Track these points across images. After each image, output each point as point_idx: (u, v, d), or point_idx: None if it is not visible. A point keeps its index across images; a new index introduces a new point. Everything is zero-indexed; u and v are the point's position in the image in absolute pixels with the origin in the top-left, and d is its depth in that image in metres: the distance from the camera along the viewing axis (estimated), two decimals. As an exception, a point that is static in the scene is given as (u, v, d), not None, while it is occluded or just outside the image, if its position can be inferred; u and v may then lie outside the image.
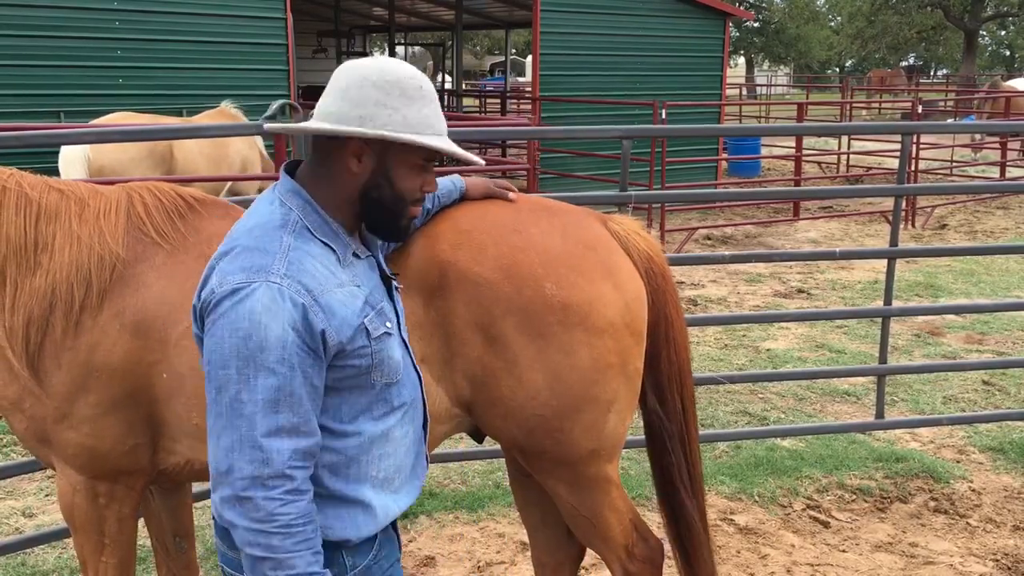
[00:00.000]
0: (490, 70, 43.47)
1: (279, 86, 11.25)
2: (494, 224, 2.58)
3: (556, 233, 2.60)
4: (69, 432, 2.56)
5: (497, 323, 2.48)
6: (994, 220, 13.49)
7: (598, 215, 2.80)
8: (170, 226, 2.65)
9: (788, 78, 50.47)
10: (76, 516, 2.66)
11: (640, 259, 2.70)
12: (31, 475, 4.86)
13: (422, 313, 2.52)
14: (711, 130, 14.00)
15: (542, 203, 2.75)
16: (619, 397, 2.63)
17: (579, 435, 2.58)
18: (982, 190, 12.90)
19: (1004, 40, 50.73)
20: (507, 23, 23.21)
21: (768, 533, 4.38)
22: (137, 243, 2.60)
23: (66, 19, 9.90)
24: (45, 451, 2.66)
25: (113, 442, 2.57)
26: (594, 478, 2.68)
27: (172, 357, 2.53)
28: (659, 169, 11.99)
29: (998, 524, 4.52)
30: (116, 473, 2.62)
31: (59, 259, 2.55)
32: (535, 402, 2.52)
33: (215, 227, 2.68)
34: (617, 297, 2.58)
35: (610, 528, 2.76)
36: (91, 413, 2.54)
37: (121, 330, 2.53)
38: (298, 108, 4.05)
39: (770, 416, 5.90)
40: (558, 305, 2.49)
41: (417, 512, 4.53)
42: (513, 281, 2.49)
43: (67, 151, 7.42)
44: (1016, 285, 9.55)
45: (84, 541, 2.68)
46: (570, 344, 2.50)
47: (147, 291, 2.56)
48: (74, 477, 2.62)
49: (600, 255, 2.61)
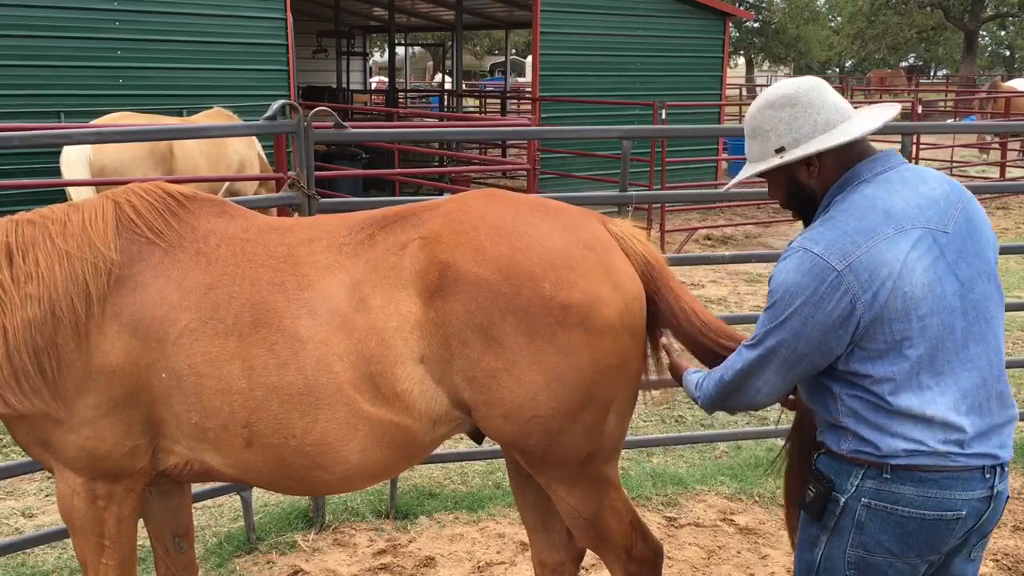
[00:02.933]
0: (490, 70, 43.45)
1: (279, 86, 11.24)
2: (493, 225, 2.58)
3: (555, 233, 2.59)
4: (68, 435, 2.55)
5: (496, 324, 2.48)
6: (994, 220, 13.48)
7: (597, 216, 2.79)
8: (164, 224, 2.64)
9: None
10: (75, 518, 2.65)
11: (638, 262, 2.69)
12: (31, 475, 4.86)
13: (421, 313, 2.52)
14: (711, 130, 13.99)
15: (541, 203, 2.75)
16: (618, 398, 2.63)
17: (578, 436, 2.58)
18: (982, 190, 12.78)
19: (1004, 40, 50.70)
20: (507, 23, 23.19)
21: (768, 533, 4.38)
22: (131, 244, 2.59)
23: (66, 19, 9.89)
24: (45, 454, 2.65)
25: (113, 444, 2.56)
26: (594, 479, 2.68)
27: (171, 356, 2.52)
28: (659, 169, 11.99)
29: (998, 524, 4.51)
30: (116, 474, 2.61)
31: (50, 280, 2.53)
32: (534, 403, 2.52)
33: (211, 224, 2.67)
34: (616, 298, 2.57)
35: (609, 529, 2.76)
36: (91, 415, 2.53)
37: (120, 331, 2.52)
38: (298, 108, 4.05)
39: (770, 416, 5.90)
40: (557, 306, 2.49)
41: (417, 512, 4.53)
42: (512, 282, 2.49)
43: (69, 151, 7.42)
44: (1016, 285, 9.55)
45: (84, 543, 2.68)
46: (569, 345, 2.50)
47: (144, 291, 2.55)
48: (73, 479, 2.61)
49: (599, 255, 2.61)
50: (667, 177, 12.29)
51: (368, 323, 2.52)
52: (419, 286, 2.53)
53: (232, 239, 2.65)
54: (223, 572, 4.03)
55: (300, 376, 2.51)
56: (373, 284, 2.55)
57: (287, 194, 4.05)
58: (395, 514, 4.50)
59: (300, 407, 2.52)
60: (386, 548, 4.23)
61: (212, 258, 2.61)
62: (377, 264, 2.58)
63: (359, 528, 4.41)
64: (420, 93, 30.72)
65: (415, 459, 2.76)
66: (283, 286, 2.56)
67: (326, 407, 2.52)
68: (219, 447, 2.59)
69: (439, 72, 35.69)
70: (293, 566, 4.08)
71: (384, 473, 2.74)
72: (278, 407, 2.52)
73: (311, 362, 2.51)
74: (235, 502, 4.52)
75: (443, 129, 14.13)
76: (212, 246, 2.63)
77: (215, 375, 2.52)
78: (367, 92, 25.45)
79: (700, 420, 5.84)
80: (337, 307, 2.53)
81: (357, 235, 2.65)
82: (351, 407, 2.52)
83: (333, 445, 2.55)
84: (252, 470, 2.63)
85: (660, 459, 5.21)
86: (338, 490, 2.83)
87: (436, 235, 2.57)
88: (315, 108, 4.16)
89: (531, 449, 2.60)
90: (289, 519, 4.44)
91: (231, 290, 2.56)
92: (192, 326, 2.53)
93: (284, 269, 2.59)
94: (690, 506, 4.63)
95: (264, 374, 2.51)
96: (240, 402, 2.52)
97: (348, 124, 4.43)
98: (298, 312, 2.54)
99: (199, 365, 2.52)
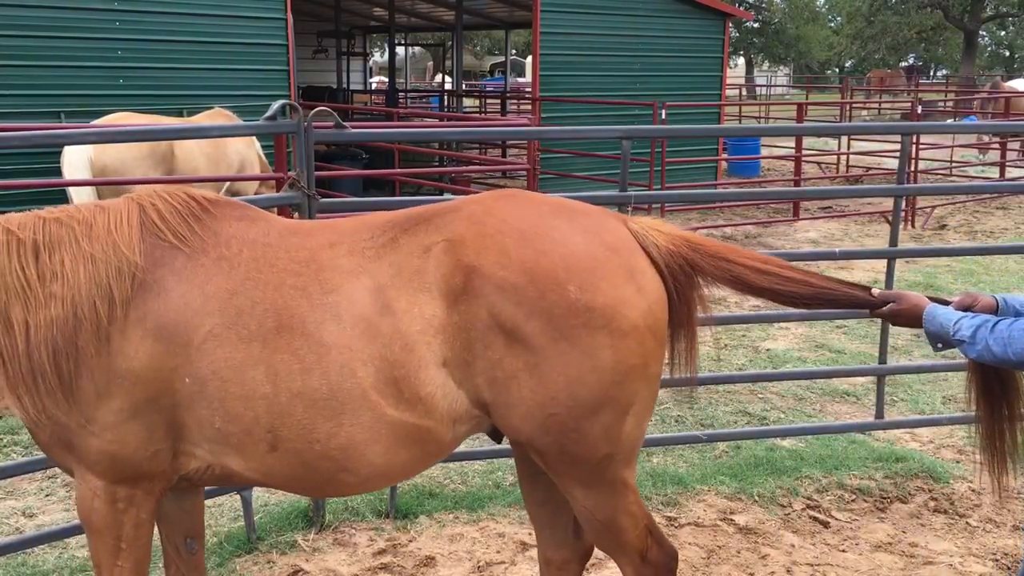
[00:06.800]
0: (490, 70, 43.43)
1: (279, 86, 11.24)
2: (517, 228, 2.60)
3: (579, 236, 2.61)
4: (91, 439, 2.56)
5: (520, 327, 2.50)
6: (994, 220, 13.49)
7: (619, 215, 2.83)
8: (187, 229, 2.65)
9: (788, 78, 50.44)
10: (95, 520, 2.66)
11: (661, 256, 2.71)
12: (31, 475, 4.86)
13: (445, 317, 2.53)
14: (711, 130, 13.99)
15: (563, 204, 2.77)
16: (638, 400, 2.64)
17: (597, 437, 2.59)
18: (982, 190, 12.90)
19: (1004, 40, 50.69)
20: (507, 23, 23.20)
21: (768, 533, 4.39)
22: (155, 249, 2.60)
23: (66, 19, 9.89)
24: (68, 457, 2.65)
25: (135, 448, 2.57)
26: (611, 482, 2.69)
27: (194, 361, 2.53)
28: (659, 169, 11.99)
29: (998, 524, 4.52)
30: (137, 478, 2.62)
31: (74, 281, 2.54)
32: (555, 403, 2.54)
33: (233, 229, 2.68)
34: (640, 300, 2.59)
35: (625, 532, 2.76)
36: (113, 419, 2.54)
37: (144, 335, 2.53)
38: (298, 108, 4.05)
39: (770, 416, 5.91)
40: (582, 308, 2.51)
41: (417, 512, 4.53)
42: (537, 285, 2.51)
43: (70, 151, 7.42)
44: (1016, 285, 9.56)
45: (100, 545, 2.69)
46: (593, 347, 2.52)
47: (168, 296, 2.56)
48: (95, 482, 2.62)
49: (623, 258, 2.63)
50: (667, 177, 12.29)
51: (392, 327, 2.53)
52: (443, 290, 2.54)
53: (254, 243, 2.66)
54: (223, 572, 4.04)
55: (324, 381, 2.52)
56: (397, 288, 2.56)
57: (287, 194, 4.06)
58: (395, 514, 4.50)
59: (324, 412, 2.53)
60: (386, 548, 4.24)
61: (234, 263, 2.62)
62: (400, 268, 2.59)
63: (359, 528, 4.42)
64: (420, 93, 30.73)
65: (437, 458, 2.78)
66: (306, 291, 2.57)
67: (350, 412, 2.53)
68: (242, 452, 2.60)
69: (439, 72, 35.67)
70: (293, 566, 4.08)
71: (406, 473, 2.77)
72: (303, 412, 2.53)
73: (335, 367, 2.52)
74: (235, 502, 4.52)
75: (443, 129, 14.14)
76: (234, 251, 2.64)
77: (239, 380, 2.53)
78: (367, 92, 25.47)
79: (700, 420, 5.84)
80: (361, 312, 2.54)
81: (379, 238, 2.66)
82: (375, 411, 2.54)
83: (357, 449, 2.56)
84: (275, 474, 2.65)
85: (660, 459, 5.21)
86: (360, 491, 2.86)
87: (460, 238, 2.58)
88: (315, 108, 4.16)
89: (548, 449, 2.62)
90: (289, 519, 4.44)
91: (254, 295, 2.57)
92: (216, 331, 2.53)
93: (307, 273, 2.60)
94: (690, 506, 4.64)
95: (288, 379, 2.52)
96: (264, 407, 2.53)
97: (348, 124, 4.43)
98: (322, 317, 2.54)
99: (223, 370, 2.53)
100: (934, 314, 2.53)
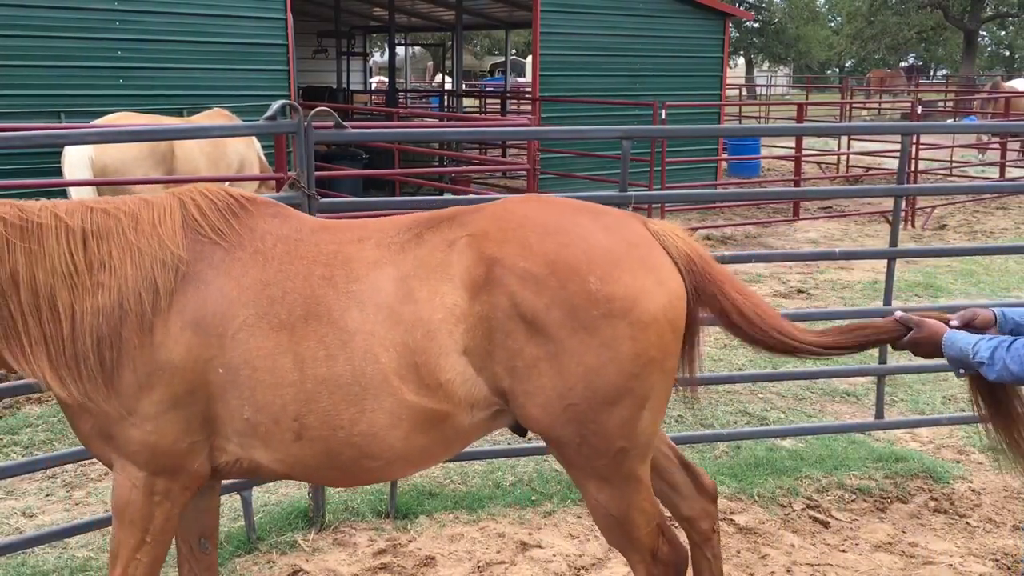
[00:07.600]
0: (490, 70, 43.43)
1: (279, 86, 11.25)
2: (539, 223, 2.67)
3: (599, 231, 2.67)
4: (132, 430, 2.62)
5: (541, 316, 2.55)
6: (994, 220, 13.49)
7: (637, 216, 2.87)
8: (226, 225, 2.74)
9: (788, 78, 50.46)
10: (129, 511, 2.70)
11: (680, 258, 2.75)
12: (31, 475, 4.87)
13: (467, 306, 2.60)
14: (711, 130, 13.99)
15: (583, 204, 2.84)
16: (654, 394, 2.67)
17: (614, 430, 2.63)
18: (982, 190, 12.90)
19: (1004, 40, 50.67)
20: (507, 23, 23.19)
21: (768, 533, 4.39)
22: (195, 243, 2.69)
23: (66, 19, 9.89)
24: (107, 448, 2.70)
25: (173, 439, 2.63)
26: (625, 476, 2.72)
27: (228, 351, 2.60)
28: (659, 169, 11.99)
29: (998, 524, 4.52)
30: (175, 470, 2.68)
31: (121, 272, 2.61)
32: (573, 393, 2.58)
33: (268, 225, 2.78)
34: (661, 292, 2.63)
35: (637, 528, 2.79)
36: (154, 411, 2.60)
37: (183, 327, 2.60)
38: (298, 108, 4.05)
39: (770, 416, 5.91)
40: (603, 298, 2.55)
41: (417, 512, 4.54)
42: (558, 275, 2.56)
43: (70, 151, 7.42)
44: (1016, 285, 9.56)
45: (127, 536, 2.73)
46: (613, 337, 2.56)
47: (206, 288, 2.64)
48: (135, 473, 2.67)
49: (643, 252, 2.68)
50: (667, 177, 12.29)
51: (414, 315, 2.60)
52: (466, 280, 2.61)
53: (287, 239, 2.76)
54: (223, 572, 4.04)
55: (348, 367, 2.59)
56: (420, 278, 2.64)
57: (287, 194, 4.06)
58: (395, 514, 4.51)
59: (348, 397, 2.60)
60: (386, 548, 4.24)
61: (269, 256, 2.71)
62: (424, 260, 2.67)
63: (359, 528, 4.42)
64: (420, 93, 30.73)
65: (456, 445, 2.81)
66: (332, 280, 2.66)
67: (372, 397, 2.60)
68: (269, 443, 2.66)
69: (439, 72, 35.67)
70: (293, 566, 4.09)
71: (425, 460, 2.81)
72: (327, 398, 2.61)
73: (359, 352, 2.59)
74: (235, 502, 4.52)
75: (443, 129, 14.14)
76: (269, 245, 2.74)
77: (268, 368, 2.60)
78: (367, 92, 25.45)
79: (700, 420, 5.84)
80: (384, 299, 2.62)
81: (405, 234, 2.75)
82: (396, 396, 2.60)
83: (379, 435, 2.63)
84: (300, 464, 2.71)
85: (660, 459, 5.21)
86: (382, 478, 2.91)
87: (483, 232, 2.66)
88: (315, 108, 4.17)
89: (565, 440, 2.66)
90: (289, 519, 4.44)
91: (285, 286, 2.66)
92: (249, 322, 2.62)
93: (334, 265, 2.69)
94: (690, 506, 4.63)
95: (314, 366, 2.60)
96: (291, 395, 2.61)
97: (348, 124, 4.43)
98: (347, 304, 2.63)
99: (254, 359, 2.60)
100: (953, 339, 2.57)
